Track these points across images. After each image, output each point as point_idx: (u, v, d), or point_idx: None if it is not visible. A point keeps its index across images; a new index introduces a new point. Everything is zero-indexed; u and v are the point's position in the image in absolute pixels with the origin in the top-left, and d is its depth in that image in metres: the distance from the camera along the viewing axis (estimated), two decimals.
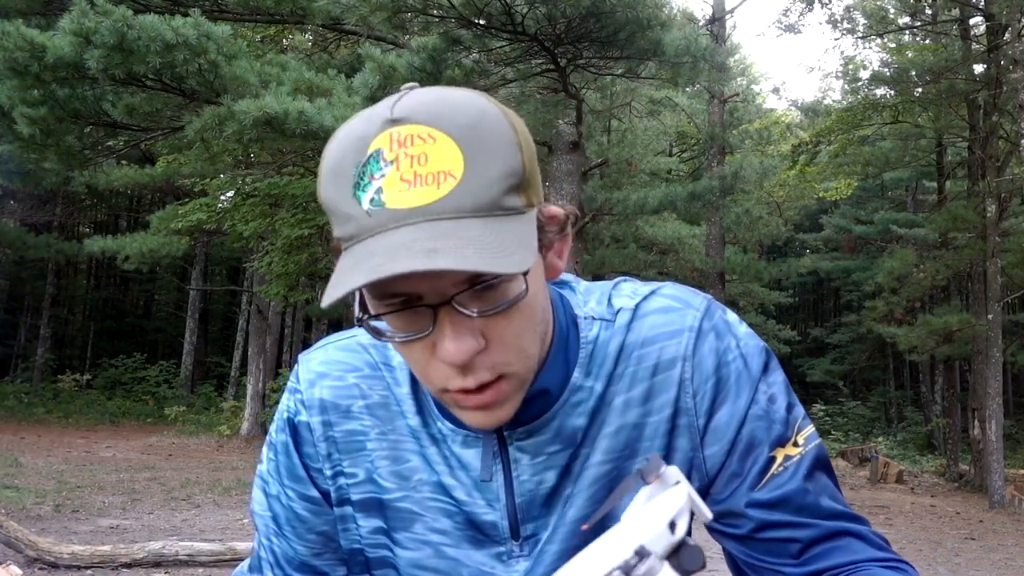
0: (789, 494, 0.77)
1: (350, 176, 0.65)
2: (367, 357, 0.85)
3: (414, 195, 0.62)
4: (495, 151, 0.65)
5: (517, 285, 0.66)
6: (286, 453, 0.86)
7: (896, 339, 14.61)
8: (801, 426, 0.80)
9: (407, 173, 0.63)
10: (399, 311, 0.67)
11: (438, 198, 0.62)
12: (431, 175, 0.63)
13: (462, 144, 0.64)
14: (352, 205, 0.64)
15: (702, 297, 0.83)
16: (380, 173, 0.64)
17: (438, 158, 0.63)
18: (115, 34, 6.33)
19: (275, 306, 17.50)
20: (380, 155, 0.64)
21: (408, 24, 9.10)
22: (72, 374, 21.07)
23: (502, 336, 0.68)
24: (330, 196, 0.67)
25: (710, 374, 0.79)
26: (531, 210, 0.68)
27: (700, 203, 11.27)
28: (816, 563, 0.77)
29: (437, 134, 0.64)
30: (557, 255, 0.76)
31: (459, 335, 0.65)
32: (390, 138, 0.64)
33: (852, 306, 26.45)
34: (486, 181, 0.64)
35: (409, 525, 0.83)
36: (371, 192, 0.64)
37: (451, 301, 0.65)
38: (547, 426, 0.78)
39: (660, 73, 9.45)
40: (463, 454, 0.80)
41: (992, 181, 12.32)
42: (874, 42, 16.02)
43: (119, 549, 5.34)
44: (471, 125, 0.65)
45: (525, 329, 0.70)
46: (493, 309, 0.66)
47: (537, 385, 0.76)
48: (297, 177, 12.78)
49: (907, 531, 9.11)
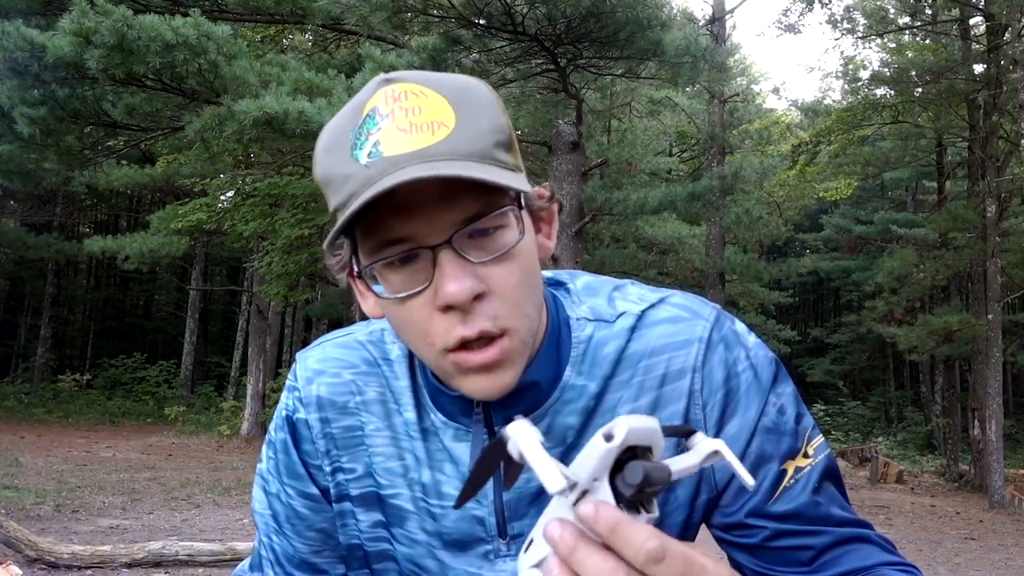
0: (801, 507, 0.77)
1: (347, 142, 0.68)
2: (364, 354, 0.85)
3: (411, 141, 0.65)
4: (482, 109, 0.69)
5: (512, 233, 0.69)
6: (285, 451, 0.86)
7: (896, 339, 14.61)
8: (811, 437, 0.80)
9: (402, 123, 0.66)
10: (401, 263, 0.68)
11: (434, 142, 0.66)
12: (426, 124, 0.66)
13: (452, 101, 0.68)
14: (349, 164, 0.67)
15: (711, 307, 0.83)
16: (377, 128, 0.67)
17: (431, 110, 0.67)
18: (115, 34, 6.33)
19: (275, 306, 17.51)
20: (376, 112, 0.68)
21: (408, 24, 9.11)
22: (72, 374, 21.07)
23: (501, 286, 0.69)
24: (326, 168, 0.70)
25: (720, 386, 0.79)
26: (520, 172, 0.71)
27: (700, 203, 11.28)
28: (828, 569, 0.77)
29: (428, 91, 0.68)
30: (546, 236, 0.77)
31: (460, 275, 0.66)
32: (385, 95, 0.68)
33: (852, 306, 26.46)
34: (477, 132, 0.67)
35: (403, 522, 0.83)
36: (368, 147, 0.66)
37: (450, 241, 0.66)
38: (538, 423, 0.78)
39: (660, 73, 9.46)
40: (454, 448, 0.80)
41: (992, 181, 12.32)
42: (874, 42, 16.02)
43: (119, 549, 5.34)
44: (459, 88, 0.70)
45: (522, 284, 0.70)
46: (491, 256, 0.68)
47: (528, 376, 0.75)
48: (297, 177, 12.78)
49: (907, 531, 9.11)
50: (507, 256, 0.68)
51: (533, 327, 0.73)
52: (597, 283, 0.85)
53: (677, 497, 0.80)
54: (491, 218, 0.67)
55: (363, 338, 0.86)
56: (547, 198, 0.76)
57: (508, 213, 0.68)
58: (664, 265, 17.09)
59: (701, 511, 0.81)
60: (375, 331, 0.87)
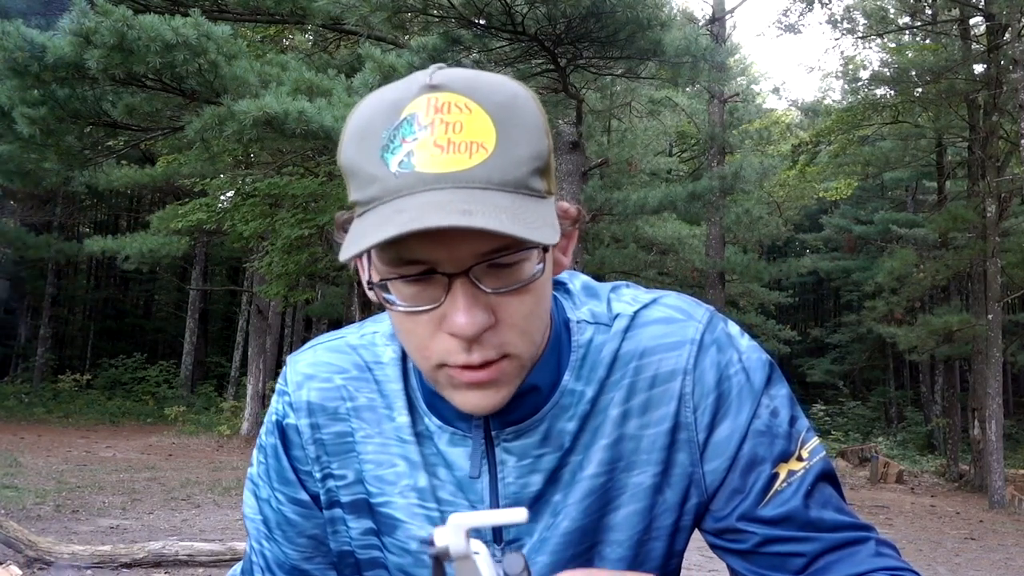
0: (793, 510, 0.76)
1: (379, 138, 0.65)
2: (355, 358, 0.84)
3: (445, 161, 0.62)
4: (526, 132, 0.66)
5: (531, 266, 0.67)
6: (275, 456, 0.85)
7: (896, 339, 14.61)
8: (805, 439, 0.79)
9: (440, 139, 0.63)
10: (414, 279, 0.66)
11: (469, 167, 0.62)
12: (464, 144, 0.63)
13: (496, 120, 0.64)
14: (378, 166, 0.64)
15: (704, 309, 0.82)
16: (412, 137, 0.64)
17: (472, 128, 0.63)
18: (115, 34, 6.32)
19: (275, 306, 17.50)
20: (415, 119, 0.64)
21: (408, 24, 9.11)
22: (72, 374, 21.06)
23: (512, 316, 0.67)
24: (353, 158, 0.67)
25: (711, 388, 0.78)
26: (551, 197, 0.69)
27: (700, 203, 11.28)
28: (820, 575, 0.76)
29: (474, 106, 0.64)
30: (562, 251, 0.76)
31: (472, 308, 0.65)
32: (427, 103, 0.64)
33: (852, 306, 26.44)
34: (515, 159, 0.64)
35: (392, 531, 0.81)
36: (400, 155, 0.63)
37: (468, 272, 0.64)
38: (536, 428, 0.77)
39: (660, 73, 9.46)
40: (449, 452, 0.79)
41: (992, 181, 12.32)
42: (874, 42, 16.02)
43: (119, 549, 5.34)
44: (506, 104, 0.66)
45: (534, 313, 0.69)
46: (507, 288, 0.66)
47: (528, 381, 0.75)
48: (297, 177, 12.78)
49: (907, 531, 9.11)
50: (523, 289, 0.67)
51: (537, 350, 0.72)
52: (595, 284, 0.85)
53: (666, 500, 0.79)
54: (514, 254, 0.65)
55: (355, 342, 0.85)
56: (571, 219, 0.74)
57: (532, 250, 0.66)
58: (664, 265, 17.09)
59: (691, 514, 0.80)
60: (367, 334, 0.85)
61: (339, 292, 17.24)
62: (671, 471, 0.78)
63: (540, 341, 0.72)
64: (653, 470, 0.78)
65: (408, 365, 0.82)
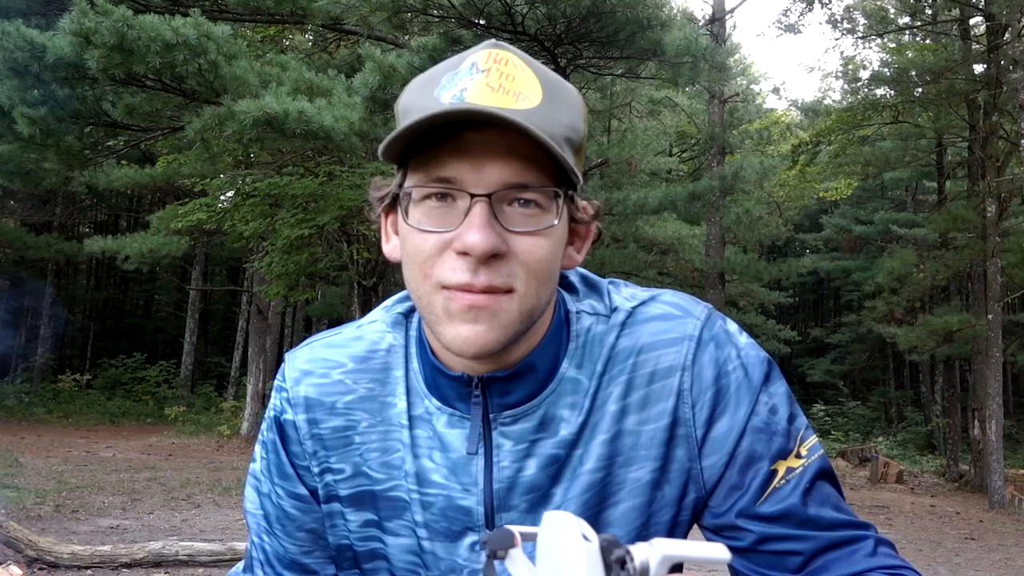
0: (791, 507, 0.76)
1: (438, 82, 0.71)
2: (353, 351, 0.85)
3: (495, 98, 0.68)
4: (568, 107, 0.72)
5: (550, 217, 0.70)
6: (275, 451, 0.86)
7: (896, 339, 14.60)
8: (804, 437, 0.79)
9: (494, 82, 0.69)
10: (439, 198, 0.69)
11: (516, 107, 0.68)
12: (514, 91, 0.69)
13: (544, 87, 0.71)
14: (432, 101, 0.69)
15: (703, 306, 0.82)
16: (470, 77, 0.69)
17: (523, 83, 0.70)
18: (115, 34, 6.33)
19: (275, 306, 17.49)
20: (475, 65, 0.71)
21: (408, 24, 9.11)
22: (72, 374, 21.06)
23: (524, 254, 0.70)
24: (408, 99, 0.73)
25: (709, 384, 0.78)
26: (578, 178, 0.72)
27: (700, 203, 11.28)
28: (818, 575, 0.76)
29: (528, 70, 0.72)
30: (576, 250, 0.78)
31: (486, 228, 0.67)
32: (488, 55, 0.72)
33: (852, 306, 26.43)
34: (555, 119, 0.69)
35: (401, 513, 0.83)
36: (455, 89, 0.69)
37: (491, 196, 0.68)
38: (533, 413, 0.78)
39: (660, 73, 9.46)
40: (446, 434, 0.80)
41: (992, 181, 12.32)
42: (874, 42, 16.02)
43: (119, 549, 5.34)
44: (555, 81, 0.73)
45: (544, 262, 0.71)
46: (523, 229, 0.69)
47: (526, 360, 0.76)
48: (297, 177, 12.76)
49: (907, 531, 9.10)
50: (538, 234, 0.70)
51: (539, 307, 0.73)
52: (594, 277, 0.86)
53: (664, 496, 0.79)
54: (538, 191, 0.69)
55: (352, 334, 0.86)
56: (591, 215, 0.77)
57: (554, 196, 0.70)
58: (664, 265, 17.09)
59: (690, 510, 0.81)
60: (365, 324, 0.87)
61: (339, 292, 17.24)
62: (669, 467, 0.79)
63: (544, 299, 0.73)
64: (651, 466, 0.79)
65: (409, 351, 0.83)
